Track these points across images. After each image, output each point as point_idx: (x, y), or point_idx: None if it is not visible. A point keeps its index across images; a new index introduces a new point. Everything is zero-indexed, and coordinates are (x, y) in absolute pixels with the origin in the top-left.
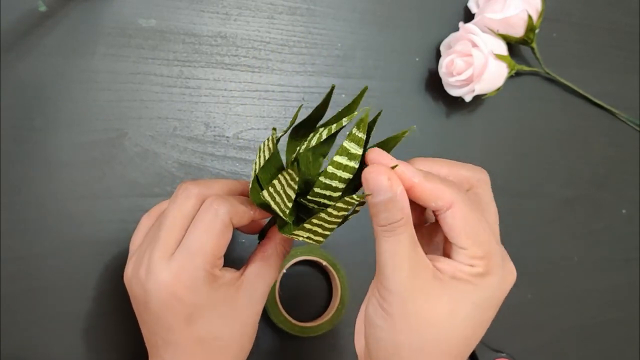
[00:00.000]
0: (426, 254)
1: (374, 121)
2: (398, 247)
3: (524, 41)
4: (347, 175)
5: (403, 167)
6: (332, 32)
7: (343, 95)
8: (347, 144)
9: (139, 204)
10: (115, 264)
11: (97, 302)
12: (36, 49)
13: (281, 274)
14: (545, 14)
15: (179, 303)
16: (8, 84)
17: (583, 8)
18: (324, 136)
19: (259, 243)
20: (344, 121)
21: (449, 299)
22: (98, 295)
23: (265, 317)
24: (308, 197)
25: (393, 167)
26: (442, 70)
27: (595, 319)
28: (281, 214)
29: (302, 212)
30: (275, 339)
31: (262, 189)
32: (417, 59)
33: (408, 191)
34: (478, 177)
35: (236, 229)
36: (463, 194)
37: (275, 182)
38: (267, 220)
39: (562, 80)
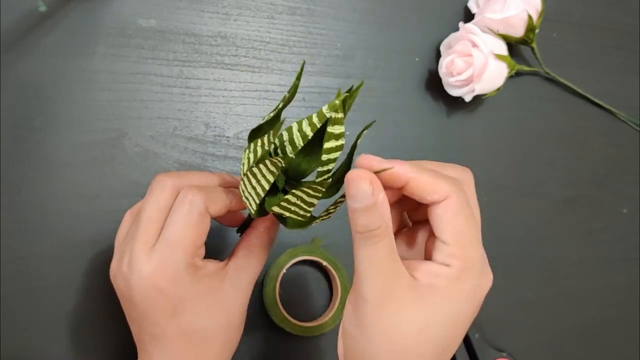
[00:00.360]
0: (405, 258)
1: (351, 95)
2: (375, 255)
3: (524, 41)
4: (336, 155)
5: (397, 165)
6: (332, 32)
7: None
8: (331, 129)
9: None
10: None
11: (98, 302)
12: (36, 49)
13: (281, 274)
14: (545, 14)
15: (162, 296)
16: (8, 84)
17: (583, 8)
18: (309, 132)
19: (240, 236)
20: (325, 111)
21: (424, 310)
22: (98, 295)
23: (265, 317)
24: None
25: (378, 172)
26: (442, 70)
27: (596, 319)
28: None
29: None
30: (275, 339)
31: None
32: (417, 59)
33: (403, 187)
34: (462, 177)
35: (216, 221)
36: (459, 188)
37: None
38: (246, 213)
39: (562, 80)
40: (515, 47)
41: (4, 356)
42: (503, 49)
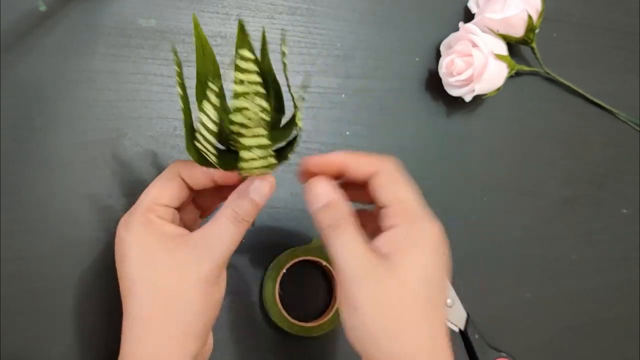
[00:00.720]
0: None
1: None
2: (346, 239)
3: (524, 41)
4: (253, 78)
5: (335, 154)
6: (332, 32)
7: (343, 95)
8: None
9: None
10: (115, 264)
11: (97, 302)
12: (36, 49)
13: (281, 274)
14: (545, 14)
15: (119, 242)
16: (8, 84)
17: (583, 8)
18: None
19: None
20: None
21: (398, 272)
22: (98, 295)
23: (265, 317)
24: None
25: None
26: (442, 70)
27: (595, 318)
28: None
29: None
30: (275, 339)
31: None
32: (417, 59)
33: (344, 168)
34: (389, 160)
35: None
36: (390, 161)
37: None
38: None
39: (562, 80)
40: (515, 47)
41: (4, 356)
42: (503, 49)
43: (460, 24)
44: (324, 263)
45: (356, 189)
